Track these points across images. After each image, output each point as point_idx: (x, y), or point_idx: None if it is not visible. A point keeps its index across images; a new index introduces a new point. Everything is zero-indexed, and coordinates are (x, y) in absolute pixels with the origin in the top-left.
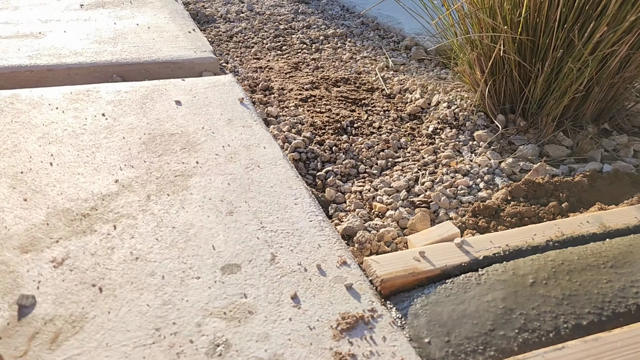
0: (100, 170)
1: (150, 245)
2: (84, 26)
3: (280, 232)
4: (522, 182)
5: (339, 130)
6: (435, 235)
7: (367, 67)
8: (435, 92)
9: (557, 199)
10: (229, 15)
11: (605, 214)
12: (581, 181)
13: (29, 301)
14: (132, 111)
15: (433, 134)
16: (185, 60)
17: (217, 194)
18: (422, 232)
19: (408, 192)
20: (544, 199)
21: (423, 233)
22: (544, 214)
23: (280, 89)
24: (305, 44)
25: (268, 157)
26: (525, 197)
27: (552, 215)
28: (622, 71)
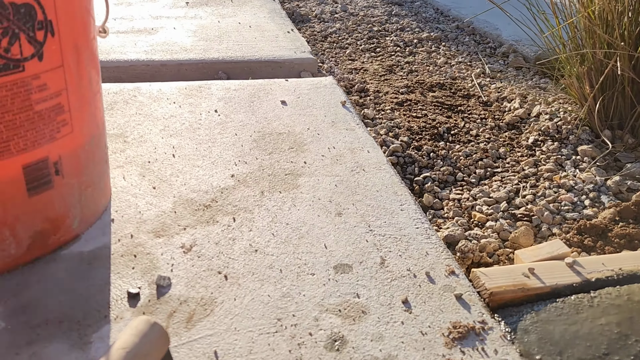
0: (217, 164)
1: (267, 239)
2: (191, 23)
3: (388, 237)
4: (632, 202)
5: (435, 136)
6: (544, 252)
7: (463, 73)
8: (535, 103)
9: None
10: (323, 15)
11: None
12: None
13: (165, 282)
14: (242, 109)
15: (533, 146)
16: (285, 60)
17: (326, 195)
18: (531, 249)
19: (508, 203)
20: None
21: (531, 249)
22: None
23: (375, 91)
24: (399, 47)
25: (372, 161)
26: (635, 219)
27: None
28: None
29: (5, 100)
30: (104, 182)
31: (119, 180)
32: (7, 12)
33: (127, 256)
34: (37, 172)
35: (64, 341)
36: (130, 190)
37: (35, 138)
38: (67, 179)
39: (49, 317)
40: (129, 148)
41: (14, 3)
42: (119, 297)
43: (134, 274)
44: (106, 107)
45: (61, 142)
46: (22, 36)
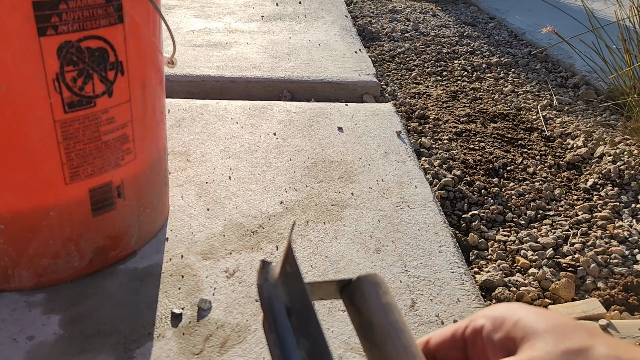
0: (268, 189)
1: (306, 271)
2: (263, 39)
3: (422, 279)
4: None
5: (490, 172)
6: (579, 310)
7: (529, 103)
8: (600, 142)
9: None
10: (394, 34)
11: None
12: None
13: (206, 305)
14: (299, 133)
15: (591, 189)
16: (349, 82)
17: (367, 229)
18: (566, 305)
19: (555, 250)
20: None
21: (566, 306)
22: None
23: (435, 119)
24: (466, 71)
25: (418, 197)
26: None
27: None
28: None
29: (77, 132)
30: (162, 203)
31: (177, 199)
32: (83, 55)
33: (175, 276)
34: (101, 195)
35: (110, 353)
36: (187, 210)
37: (102, 165)
38: (128, 201)
39: (100, 328)
40: (190, 167)
41: (90, 47)
42: (163, 316)
43: (180, 294)
44: (174, 124)
45: (124, 168)
46: (95, 76)
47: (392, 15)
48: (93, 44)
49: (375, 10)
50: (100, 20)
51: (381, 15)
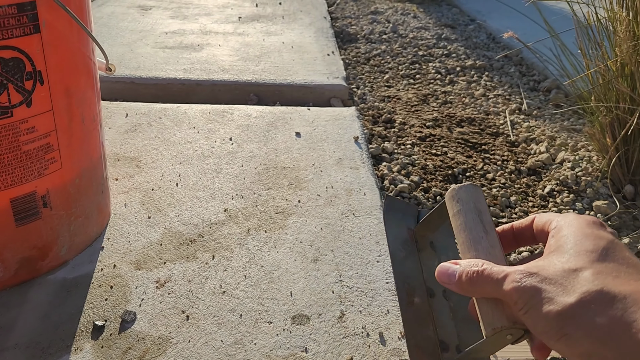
0: (215, 196)
1: (238, 281)
2: (236, 40)
3: (355, 290)
4: None
5: (448, 178)
6: None
7: (498, 107)
8: (562, 148)
9: None
10: (372, 35)
11: None
12: None
13: (130, 317)
14: (256, 138)
15: (548, 196)
16: (316, 86)
17: (309, 238)
18: None
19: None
20: None
21: None
22: None
23: (402, 123)
24: (440, 74)
25: (365, 205)
26: None
27: None
28: None
29: None
30: (98, 211)
31: (119, 207)
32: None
33: (104, 286)
34: (24, 205)
35: None
36: (127, 218)
37: (22, 175)
38: (56, 211)
39: (19, 341)
40: (138, 173)
41: (2, 57)
42: (85, 328)
43: (105, 306)
44: (130, 129)
45: (49, 178)
46: (10, 86)
47: (373, 17)
48: (6, 54)
49: (357, 12)
50: (14, 30)
51: (362, 17)
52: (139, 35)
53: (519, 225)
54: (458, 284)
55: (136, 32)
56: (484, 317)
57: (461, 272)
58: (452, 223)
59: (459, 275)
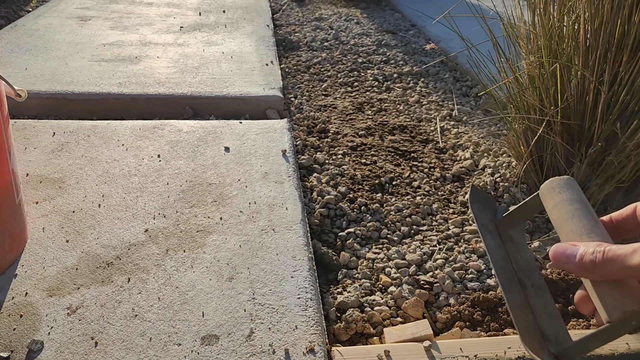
0: (137, 217)
1: (151, 304)
2: (176, 52)
3: (267, 307)
4: None
5: (375, 187)
6: (408, 333)
7: (430, 114)
8: (485, 154)
9: (566, 300)
10: (314, 43)
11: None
12: None
13: (37, 346)
14: (185, 154)
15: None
16: (252, 97)
17: (226, 256)
18: (398, 327)
19: (419, 267)
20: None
21: (398, 328)
22: None
23: (335, 132)
24: (377, 81)
25: (286, 220)
26: None
27: None
28: None
29: None
30: (11, 238)
31: (37, 231)
32: None
33: (13, 316)
34: None
35: None
36: (44, 242)
37: None
38: None
39: None
40: (60, 195)
41: None
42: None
43: (13, 336)
44: (56, 149)
45: None
46: None
47: (316, 24)
48: None
49: (301, 18)
50: None
51: (306, 24)
52: (75, 48)
53: (618, 217)
54: (579, 265)
55: (73, 45)
56: (609, 300)
57: (583, 253)
58: (555, 212)
59: (581, 255)
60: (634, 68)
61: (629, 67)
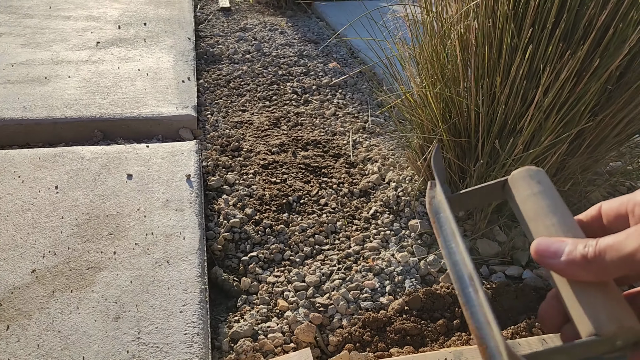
0: (25, 256)
1: (29, 352)
2: (89, 70)
3: (152, 346)
4: (423, 292)
5: (282, 207)
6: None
7: (345, 127)
8: (391, 167)
9: (452, 314)
10: (236, 55)
11: (467, 351)
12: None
13: None
14: (84, 184)
15: (372, 218)
16: (164, 118)
17: (115, 294)
18: (282, 358)
19: (317, 289)
20: (438, 313)
21: (282, 358)
22: (430, 332)
23: (249, 150)
24: (296, 94)
25: (182, 250)
26: (421, 309)
27: (437, 335)
28: (559, 174)
29: None
30: None
31: None
32: None
33: None
34: None
35: None
36: None
37: None
38: None
39: None
40: None
41: None
42: None
43: None
44: None
45: None
46: None
47: (241, 34)
48: None
49: (226, 29)
50: None
51: (230, 35)
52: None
53: (583, 219)
54: (568, 261)
55: None
56: (602, 310)
57: (573, 248)
58: (531, 203)
59: (570, 250)
60: (507, 89)
61: (502, 89)
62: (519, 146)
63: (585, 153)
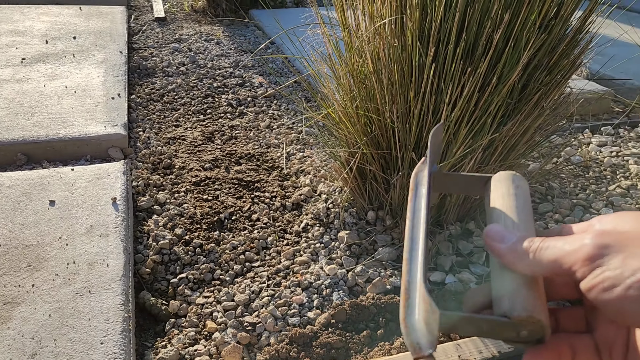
0: None
1: None
2: (12, 89)
3: None
4: (348, 304)
5: (213, 225)
6: None
7: (279, 139)
8: (322, 179)
9: (376, 324)
10: (170, 68)
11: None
12: None
13: None
14: (2, 213)
15: (302, 232)
16: (92, 137)
17: (32, 329)
18: None
19: (246, 307)
20: (363, 324)
21: None
22: (354, 344)
23: (181, 167)
24: (231, 106)
25: (105, 278)
26: (346, 322)
27: (361, 346)
28: None
29: None
30: None
31: None
32: None
33: None
34: None
35: None
36: None
37: None
38: None
39: None
40: None
41: None
42: None
43: None
44: None
45: None
46: None
47: (175, 46)
48: None
49: (160, 40)
50: None
51: (165, 46)
52: None
53: None
54: (512, 247)
55: None
56: (520, 297)
57: (522, 239)
58: (502, 200)
59: (519, 240)
60: (419, 104)
61: (415, 103)
62: None
63: (498, 160)
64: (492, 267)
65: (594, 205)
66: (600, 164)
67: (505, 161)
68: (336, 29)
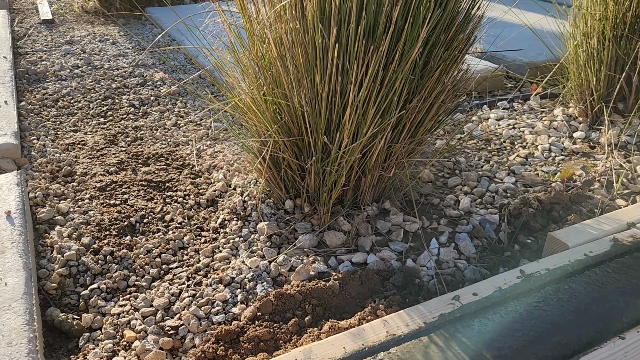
0: None
1: None
2: None
3: None
4: (274, 294)
5: (124, 230)
6: None
7: (188, 136)
8: (236, 173)
9: (303, 312)
10: (63, 71)
11: (316, 347)
12: (333, 285)
13: None
14: None
15: (220, 227)
16: None
17: None
18: None
19: (166, 311)
20: (290, 313)
21: None
22: (282, 334)
23: (83, 174)
24: (134, 107)
25: (4, 298)
26: (273, 313)
27: (290, 335)
28: (388, 160)
29: None
30: None
31: None
32: None
33: None
34: None
35: None
36: None
37: None
38: None
39: None
40: None
41: None
42: None
43: None
44: None
45: None
46: None
47: (67, 48)
48: None
49: (49, 43)
50: None
51: (55, 49)
52: None
53: None
54: None
55: None
56: None
57: None
58: None
59: None
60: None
61: (322, 86)
62: (345, 139)
63: (407, 138)
64: None
65: (498, 175)
66: (499, 137)
67: (413, 138)
68: (236, 17)
